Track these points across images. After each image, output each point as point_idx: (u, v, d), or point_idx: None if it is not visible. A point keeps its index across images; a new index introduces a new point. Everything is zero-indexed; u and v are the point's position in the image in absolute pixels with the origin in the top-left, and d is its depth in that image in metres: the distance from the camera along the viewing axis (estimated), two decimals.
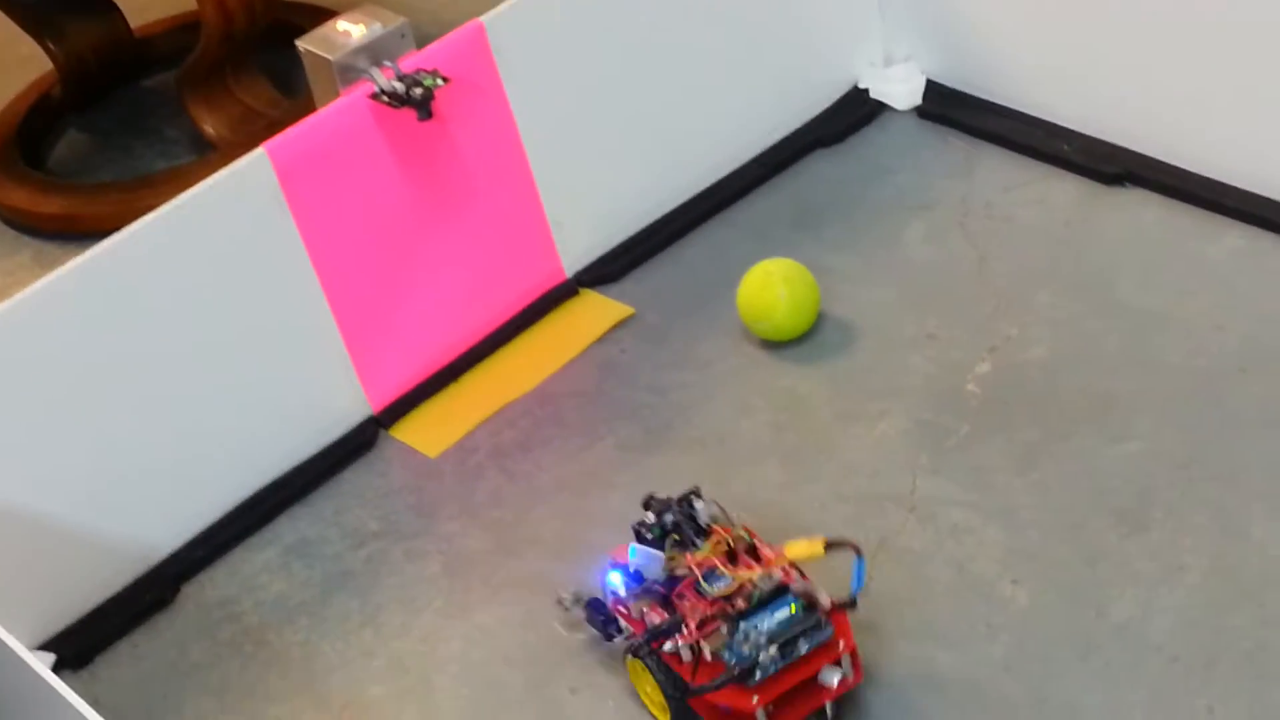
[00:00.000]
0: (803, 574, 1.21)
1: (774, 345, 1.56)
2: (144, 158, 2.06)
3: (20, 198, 1.95)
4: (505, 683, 1.32)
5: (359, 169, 1.49)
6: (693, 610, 1.20)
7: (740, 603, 1.19)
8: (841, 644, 1.19)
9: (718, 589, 1.20)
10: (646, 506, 1.28)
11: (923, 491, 1.39)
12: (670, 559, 1.24)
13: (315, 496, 1.51)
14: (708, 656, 1.19)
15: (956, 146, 1.74)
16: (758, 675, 1.17)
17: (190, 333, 1.43)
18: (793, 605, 1.19)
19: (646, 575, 1.25)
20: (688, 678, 1.20)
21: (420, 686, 1.33)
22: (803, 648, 1.18)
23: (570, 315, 1.65)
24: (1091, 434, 1.40)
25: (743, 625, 1.18)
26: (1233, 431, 1.38)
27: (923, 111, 1.78)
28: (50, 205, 1.94)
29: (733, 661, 1.17)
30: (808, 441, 1.46)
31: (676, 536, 1.26)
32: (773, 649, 1.17)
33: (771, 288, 1.53)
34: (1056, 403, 1.44)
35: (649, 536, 1.27)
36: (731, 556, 1.23)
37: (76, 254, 1.38)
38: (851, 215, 1.69)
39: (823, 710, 1.22)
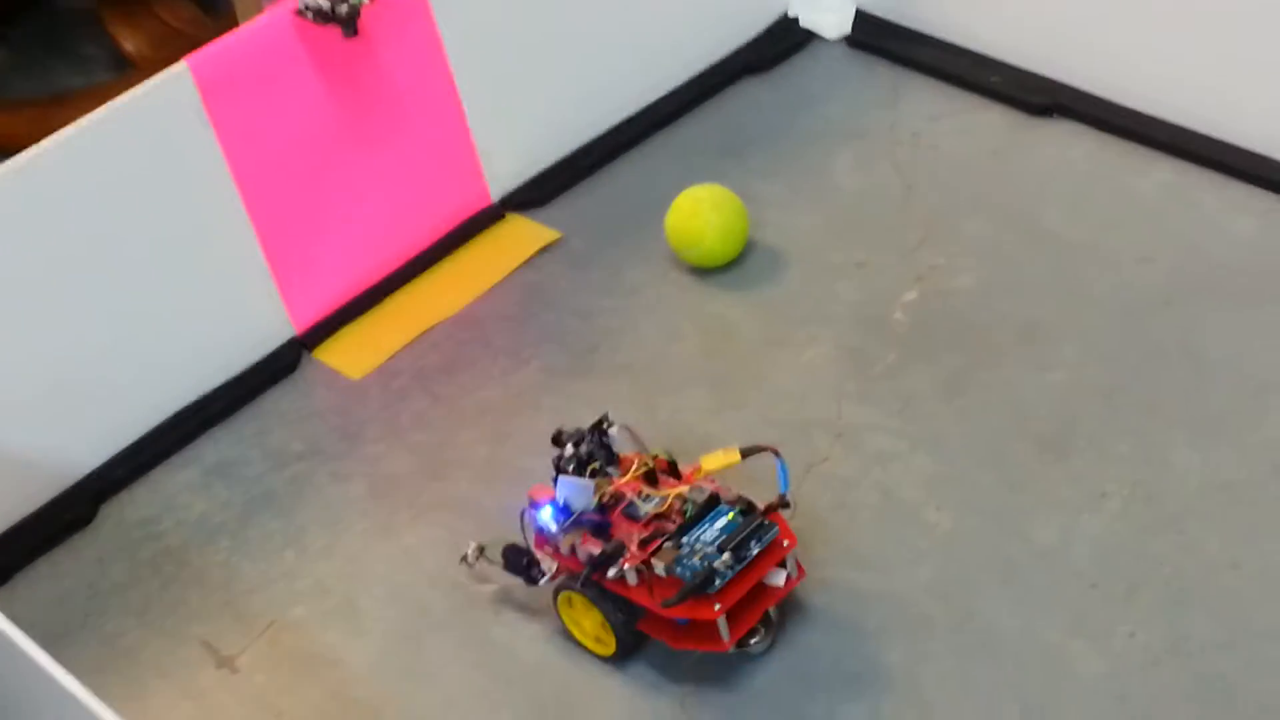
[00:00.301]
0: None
1: (702, 272, 1.55)
2: (61, 75, 2.03)
3: None
4: (430, 605, 1.32)
5: (283, 87, 1.47)
6: (629, 535, 1.20)
7: (676, 519, 1.20)
8: (786, 542, 1.20)
9: (650, 509, 1.21)
10: (556, 441, 1.27)
11: (849, 418, 1.40)
12: (599, 485, 1.23)
13: (237, 418, 1.50)
14: (661, 574, 1.19)
15: (885, 76, 1.73)
16: (716, 582, 1.17)
17: (110, 250, 1.41)
18: (730, 513, 1.19)
19: (575, 507, 1.23)
20: (641, 600, 1.19)
21: (345, 608, 1.33)
22: (754, 549, 1.18)
23: (496, 239, 1.63)
24: (1017, 362, 1.41)
25: (685, 539, 1.18)
26: (1156, 362, 1.39)
27: (852, 40, 1.77)
28: None
29: (687, 575, 1.17)
30: (735, 368, 1.46)
31: (594, 465, 1.25)
32: (726, 555, 1.17)
33: (700, 214, 1.52)
34: (982, 331, 1.45)
35: (569, 469, 1.25)
36: (651, 478, 1.24)
37: None
38: (779, 143, 1.68)
39: (766, 614, 1.22)
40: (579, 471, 1.25)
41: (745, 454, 1.22)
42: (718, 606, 1.17)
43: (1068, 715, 1.16)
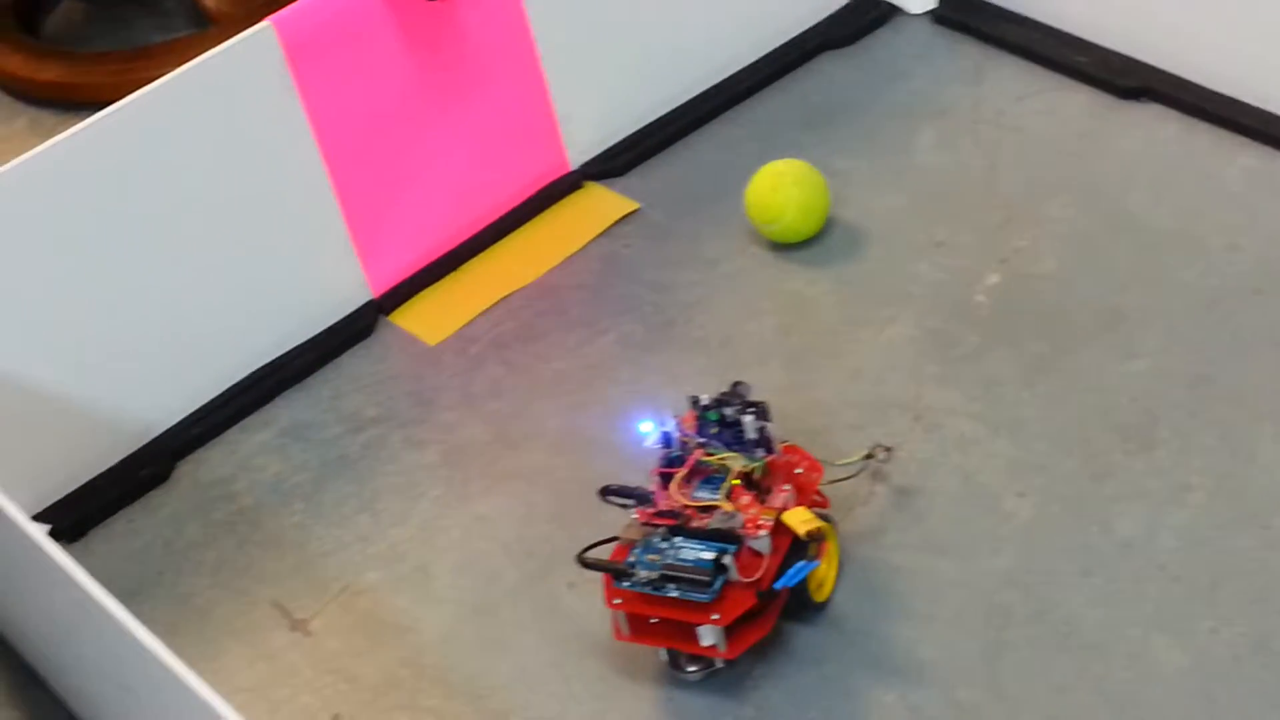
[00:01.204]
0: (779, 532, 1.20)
1: (781, 247, 1.54)
2: (141, 29, 2.02)
3: (16, 64, 1.91)
4: (503, 575, 1.31)
5: (366, 48, 1.46)
6: (663, 496, 1.21)
7: (694, 523, 1.19)
8: (717, 616, 1.16)
9: (696, 497, 1.21)
10: (721, 398, 1.25)
11: (929, 400, 1.38)
12: (684, 442, 1.24)
13: (313, 380, 1.50)
14: (622, 539, 1.20)
15: (969, 53, 1.71)
16: (625, 582, 1.18)
17: (190, 208, 1.41)
18: (717, 554, 1.17)
19: (670, 443, 1.24)
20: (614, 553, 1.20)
21: (417, 574, 1.32)
22: (670, 591, 1.16)
23: (575, 208, 1.63)
24: (1100, 350, 1.39)
25: (664, 541, 1.19)
26: (1243, 352, 1.37)
27: (937, 16, 1.75)
28: (46, 72, 1.90)
29: (631, 558, 1.18)
30: (813, 345, 1.45)
31: (716, 430, 1.25)
32: (654, 572, 1.16)
33: (782, 189, 1.51)
34: (1066, 317, 1.43)
35: (706, 415, 1.25)
36: (747, 481, 1.22)
37: (73, 122, 1.35)
38: (861, 119, 1.67)
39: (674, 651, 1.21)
40: (710, 421, 1.25)
41: (809, 536, 1.19)
42: (617, 601, 1.18)
43: (1148, 710, 1.15)
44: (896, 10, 1.78)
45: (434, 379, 1.48)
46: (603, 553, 1.21)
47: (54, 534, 1.36)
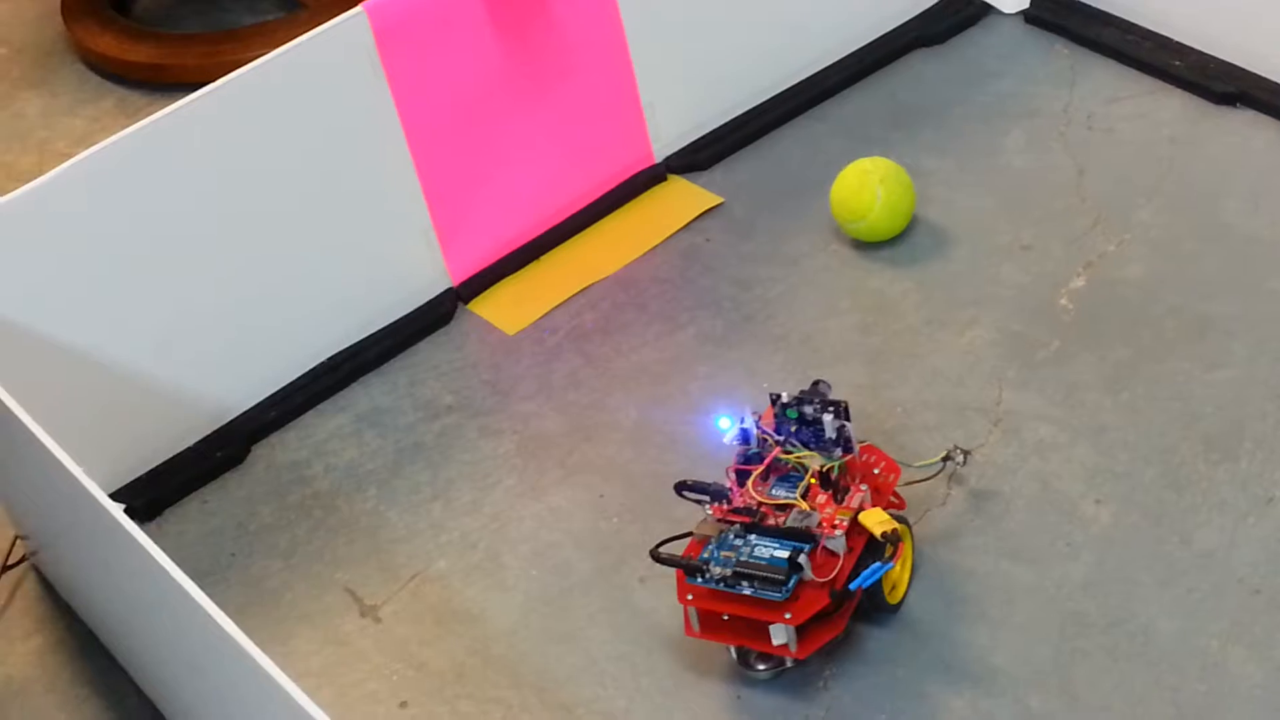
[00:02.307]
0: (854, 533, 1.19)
1: (864, 246, 1.53)
2: (231, 11, 2.03)
3: (107, 43, 1.93)
4: (574, 567, 1.31)
5: (455, 36, 1.46)
6: (740, 493, 1.21)
7: (769, 520, 1.19)
8: (790, 615, 1.16)
9: (772, 495, 1.21)
10: (801, 396, 1.25)
11: (1009, 404, 1.37)
12: (763, 439, 1.24)
13: (390, 366, 1.50)
14: (695, 535, 1.20)
15: (1062, 54, 1.69)
16: (698, 578, 1.18)
17: (275, 192, 1.41)
18: (791, 551, 1.17)
19: (748, 440, 1.24)
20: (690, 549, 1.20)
21: (489, 563, 1.32)
22: (744, 589, 1.16)
23: (657, 201, 1.62)
24: (1186, 358, 1.37)
25: (738, 538, 1.19)
26: None
27: (1030, 16, 1.73)
28: (137, 53, 1.91)
29: (705, 554, 1.18)
30: (894, 345, 1.44)
31: (794, 428, 1.24)
32: (728, 569, 1.17)
33: (868, 187, 1.50)
34: (1151, 324, 1.41)
35: (786, 413, 1.24)
36: (824, 480, 1.22)
37: (161, 104, 1.37)
38: (950, 118, 1.65)
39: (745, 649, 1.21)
40: (788, 420, 1.24)
41: (885, 538, 1.18)
42: (689, 597, 1.18)
43: None
44: (989, 9, 1.76)
45: (511, 368, 1.48)
46: (676, 548, 1.20)
47: (129, 513, 1.34)
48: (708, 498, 1.22)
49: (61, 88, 1.95)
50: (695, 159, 1.65)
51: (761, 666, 1.21)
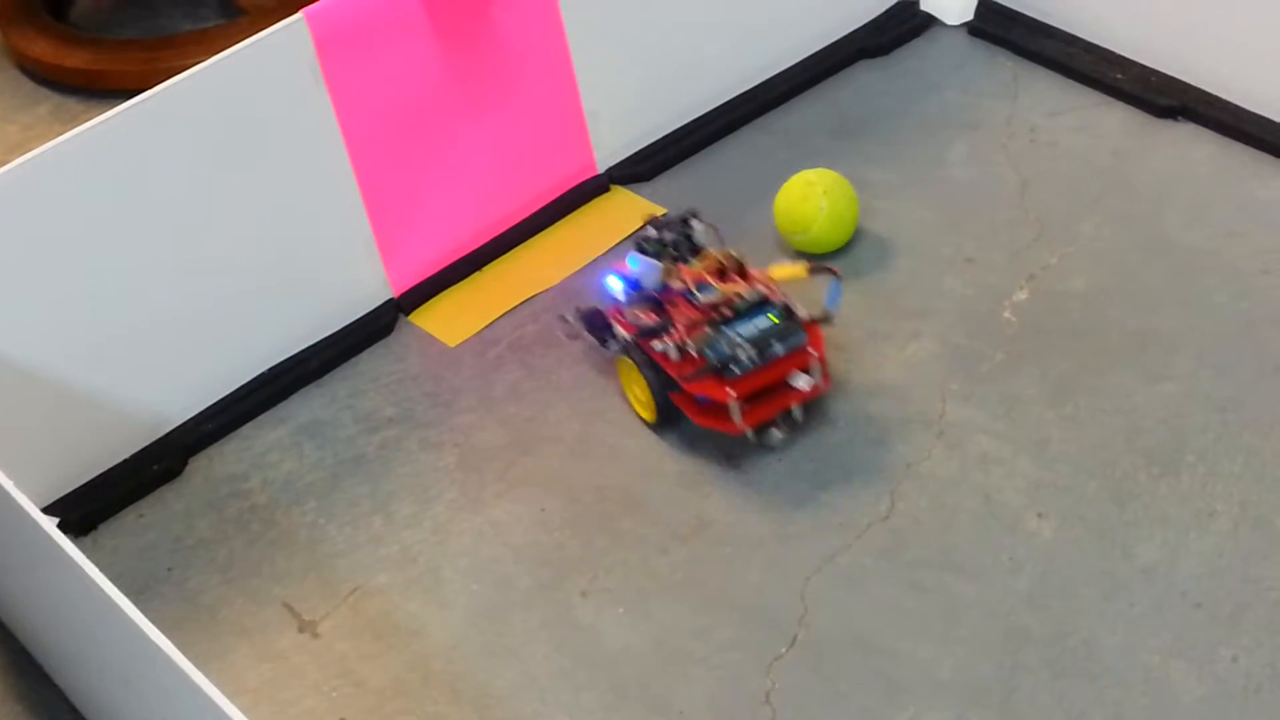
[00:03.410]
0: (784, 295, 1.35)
1: (808, 257, 1.52)
2: (169, 17, 2.02)
3: (42, 49, 1.91)
4: (515, 581, 1.30)
5: (397, 44, 1.45)
6: (682, 316, 1.34)
7: (726, 311, 1.33)
8: (814, 352, 1.32)
9: (706, 298, 1.33)
10: (649, 223, 1.41)
11: (951, 417, 1.37)
12: (666, 269, 1.37)
13: (330, 378, 1.48)
14: (693, 354, 1.32)
15: (1005, 66, 1.70)
16: (735, 370, 1.30)
17: (213, 201, 1.40)
18: (771, 315, 1.32)
19: (644, 283, 1.37)
20: (674, 373, 1.33)
21: (428, 578, 1.31)
22: (777, 349, 1.31)
23: (600, 211, 1.61)
24: (1128, 371, 1.37)
25: (725, 330, 1.32)
26: (1274, 377, 1.35)
27: (974, 28, 1.73)
28: (73, 59, 1.89)
29: (711, 356, 1.31)
30: (836, 358, 1.43)
31: (674, 252, 1.38)
32: (750, 348, 1.30)
33: (812, 199, 1.49)
34: (1094, 336, 1.41)
35: (648, 250, 1.39)
36: (722, 273, 1.36)
37: (97, 111, 1.34)
38: (894, 130, 1.65)
39: (790, 413, 1.34)
40: (658, 253, 1.38)
41: (812, 271, 1.36)
42: (732, 392, 1.30)
43: None
44: (934, 20, 1.76)
45: (453, 380, 1.47)
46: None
47: (63, 527, 1.34)
48: (659, 333, 1.34)
49: None
50: (638, 169, 1.64)
51: (775, 432, 1.35)
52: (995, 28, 1.72)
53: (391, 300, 1.53)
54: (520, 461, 1.39)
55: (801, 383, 1.33)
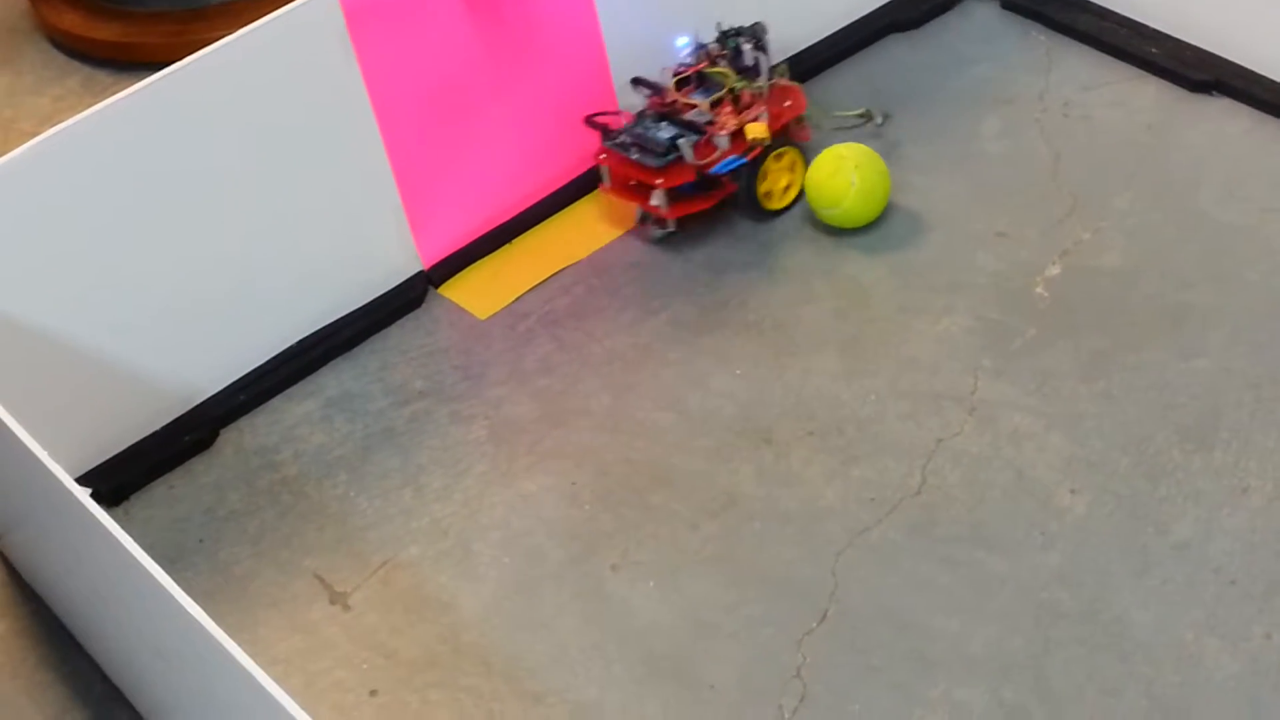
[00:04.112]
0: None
1: (838, 232, 1.52)
2: None
3: (73, 21, 1.91)
4: (546, 554, 1.30)
5: (428, 15, 1.44)
6: (669, 92, 1.53)
7: (681, 115, 1.51)
8: (660, 181, 1.48)
9: (692, 98, 1.51)
10: (741, 29, 1.55)
11: (984, 393, 1.36)
12: (708, 54, 1.54)
13: (361, 350, 1.48)
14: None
15: (1038, 40, 1.68)
16: (609, 141, 1.51)
17: (243, 173, 1.40)
18: (677, 136, 1.48)
19: (696, 51, 1.55)
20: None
21: (459, 550, 1.31)
22: (633, 154, 1.49)
23: None
24: (1162, 347, 1.37)
25: (653, 121, 1.51)
26: None
27: (1006, 2, 1.72)
28: (103, 31, 1.89)
29: (623, 127, 1.52)
30: (868, 333, 1.43)
31: (724, 53, 1.53)
32: (627, 138, 1.50)
33: (843, 173, 1.49)
34: (1128, 312, 1.40)
35: (727, 41, 1.54)
36: (735, 99, 1.51)
37: (127, 83, 1.34)
38: (925, 104, 1.64)
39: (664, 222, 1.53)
40: (720, 41, 1.54)
41: (754, 142, 1.49)
42: (602, 156, 1.53)
43: (1198, 714, 1.13)
44: None
45: (483, 353, 1.47)
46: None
47: (95, 498, 1.33)
48: (649, 90, 1.53)
49: (26, 66, 1.93)
50: None
51: (654, 228, 1.53)
52: (1028, 1, 1.71)
53: (421, 273, 1.53)
54: (551, 435, 1.39)
55: (654, 196, 1.49)
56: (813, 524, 1.28)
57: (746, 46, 1.53)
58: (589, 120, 1.52)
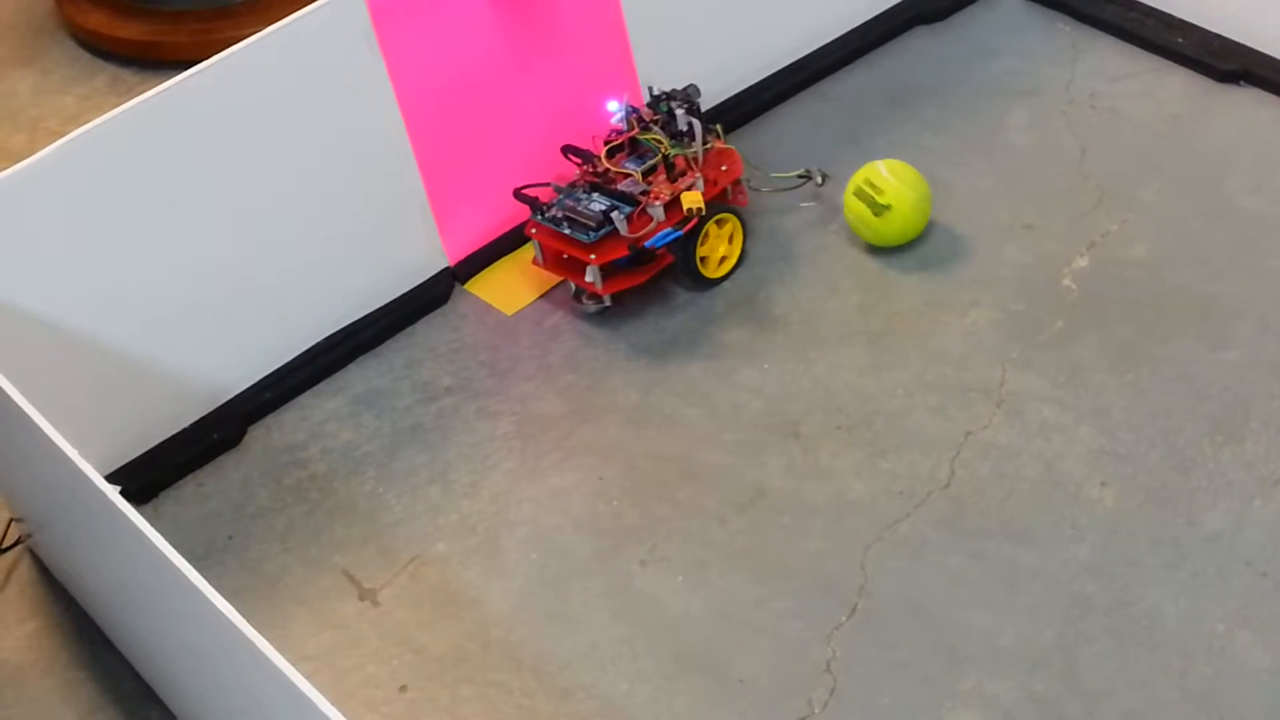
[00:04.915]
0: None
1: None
2: None
3: (99, 20, 1.91)
4: (574, 550, 1.30)
5: (453, 12, 1.44)
6: (598, 160, 1.47)
7: (613, 185, 1.45)
8: (594, 256, 1.42)
9: (627, 167, 1.46)
10: (672, 93, 1.49)
11: (1012, 385, 1.36)
12: (630, 124, 1.49)
13: (387, 347, 1.49)
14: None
15: (1064, 31, 1.68)
16: (540, 216, 1.45)
17: (269, 171, 1.40)
18: (610, 209, 1.42)
19: (615, 119, 1.50)
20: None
21: (487, 547, 1.31)
22: (565, 229, 1.44)
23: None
24: (1191, 338, 1.36)
25: (583, 193, 1.46)
26: None
27: None
28: (129, 30, 1.89)
29: (554, 200, 1.46)
30: (895, 326, 1.42)
31: (657, 118, 1.48)
32: (557, 212, 1.44)
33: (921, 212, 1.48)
34: (1156, 304, 1.40)
35: (658, 105, 1.49)
36: (669, 166, 1.46)
37: (154, 82, 1.35)
38: (951, 96, 1.63)
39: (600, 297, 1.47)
40: (653, 106, 1.49)
41: (690, 213, 1.42)
42: (533, 230, 1.46)
43: (1230, 707, 1.12)
44: None
45: (510, 349, 1.47)
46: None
47: (123, 495, 1.34)
48: (581, 160, 1.48)
49: (52, 65, 1.93)
50: None
51: (588, 302, 1.47)
52: None
53: (447, 269, 1.53)
54: (578, 430, 1.39)
55: (588, 272, 1.43)
56: (841, 518, 1.28)
57: (680, 111, 1.47)
58: (517, 194, 1.46)
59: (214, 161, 1.37)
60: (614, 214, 1.42)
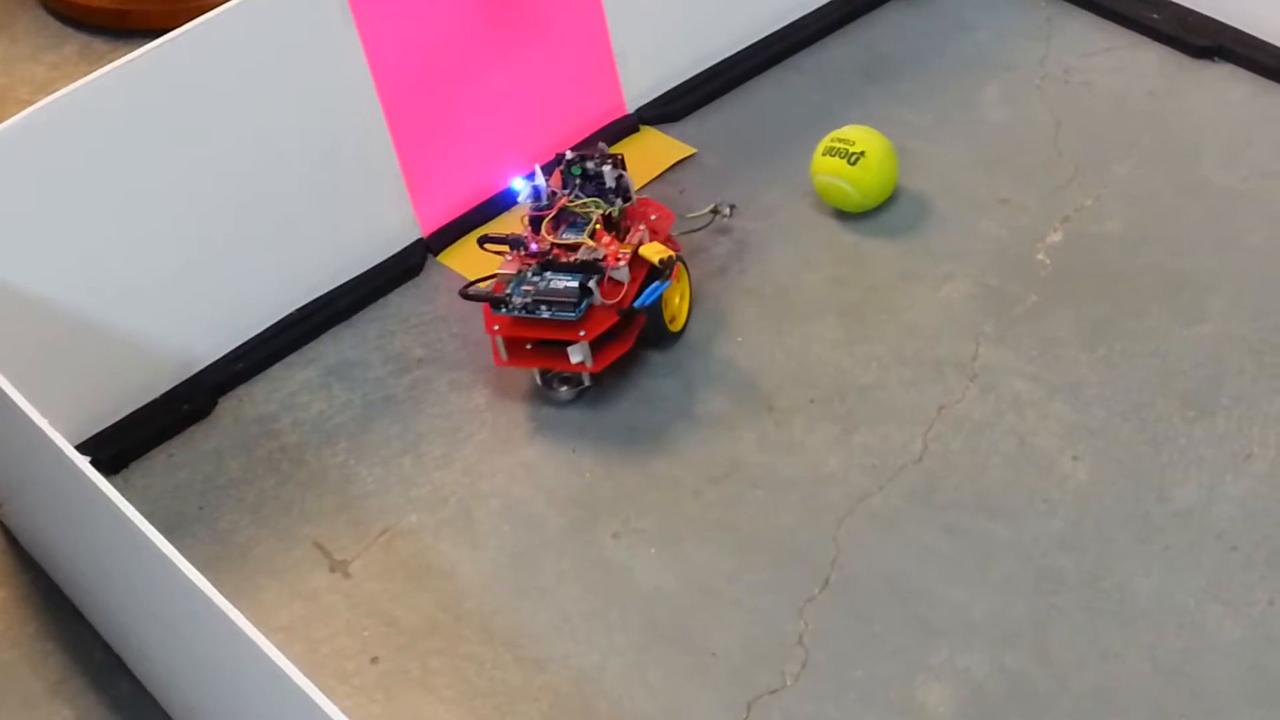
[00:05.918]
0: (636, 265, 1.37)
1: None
2: None
3: None
4: (547, 522, 1.30)
5: None
6: (534, 239, 1.37)
7: (561, 259, 1.35)
8: (584, 333, 1.32)
9: (564, 238, 1.37)
10: (584, 154, 1.41)
11: (985, 359, 1.36)
12: (552, 193, 1.40)
13: (359, 318, 1.48)
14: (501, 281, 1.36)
15: (1039, 6, 1.68)
16: (504, 309, 1.33)
17: (241, 141, 1.39)
18: (580, 281, 1.33)
19: (539, 195, 1.40)
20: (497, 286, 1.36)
21: (460, 518, 1.31)
22: (543, 313, 1.33)
23: (629, 151, 1.58)
24: (1163, 313, 1.36)
25: (535, 275, 1.35)
26: None
27: None
28: None
29: (508, 289, 1.34)
30: (869, 300, 1.42)
31: (579, 181, 1.40)
32: (525, 299, 1.33)
33: (840, 190, 1.48)
34: (1129, 278, 1.40)
35: (570, 170, 1.41)
36: (610, 224, 1.38)
37: (124, 50, 1.33)
38: (927, 70, 1.63)
39: (581, 379, 1.37)
40: (576, 178, 1.40)
41: (663, 265, 1.35)
42: (496, 326, 1.34)
43: (1201, 680, 1.13)
44: None
45: (482, 321, 1.46)
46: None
47: (94, 465, 1.33)
48: (508, 246, 1.38)
49: (22, 33, 1.92)
50: (668, 109, 1.63)
51: (563, 389, 1.37)
52: None
53: (420, 240, 1.52)
54: (551, 402, 1.38)
55: (575, 355, 1.34)
56: (814, 491, 1.28)
57: (605, 168, 1.39)
58: (464, 294, 1.36)
59: (185, 131, 1.35)
60: (590, 284, 1.33)
